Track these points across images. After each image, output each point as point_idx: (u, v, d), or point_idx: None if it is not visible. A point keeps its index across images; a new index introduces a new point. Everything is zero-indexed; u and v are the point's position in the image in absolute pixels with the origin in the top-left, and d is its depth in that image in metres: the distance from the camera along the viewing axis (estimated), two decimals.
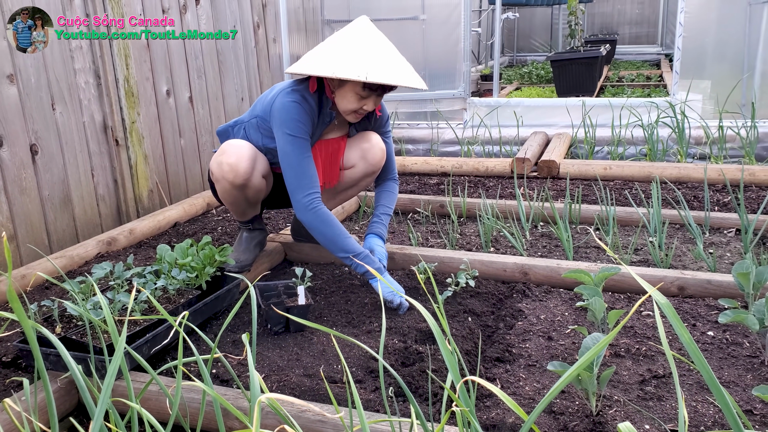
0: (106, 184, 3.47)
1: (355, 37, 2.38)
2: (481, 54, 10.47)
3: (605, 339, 1.04)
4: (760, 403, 1.76)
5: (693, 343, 1.03)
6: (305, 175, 2.40)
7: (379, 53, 2.34)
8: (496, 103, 5.39)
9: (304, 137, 2.41)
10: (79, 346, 1.93)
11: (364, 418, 1.23)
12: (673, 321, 1.04)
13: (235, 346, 2.20)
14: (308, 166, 2.41)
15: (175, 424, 1.81)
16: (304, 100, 2.42)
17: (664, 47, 12.19)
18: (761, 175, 3.81)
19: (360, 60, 2.28)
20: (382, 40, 2.42)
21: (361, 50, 2.33)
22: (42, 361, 1.26)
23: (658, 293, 1.09)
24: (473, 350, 2.10)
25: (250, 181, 2.53)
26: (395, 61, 2.38)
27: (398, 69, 2.36)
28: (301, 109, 2.40)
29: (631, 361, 2.01)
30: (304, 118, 2.40)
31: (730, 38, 4.81)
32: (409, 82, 2.36)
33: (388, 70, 2.31)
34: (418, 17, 5.51)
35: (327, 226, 2.40)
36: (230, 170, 2.48)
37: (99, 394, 1.51)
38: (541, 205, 3.39)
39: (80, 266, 2.93)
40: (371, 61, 2.29)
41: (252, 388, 1.13)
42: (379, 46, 2.38)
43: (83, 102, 3.29)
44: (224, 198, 2.61)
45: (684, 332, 1.04)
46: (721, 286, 2.40)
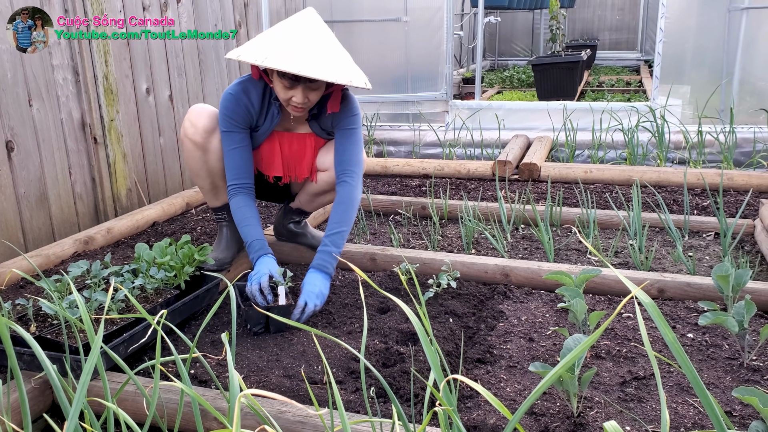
0: (83, 182, 3.42)
1: (285, 26, 2.31)
2: (462, 57, 10.51)
3: (589, 339, 1.03)
4: (740, 405, 1.77)
5: (677, 343, 1.03)
6: (229, 166, 2.51)
7: (294, 40, 2.22)
8: (478, 106, 5.40)
9: (231, 130, 2.47)
10: (54, 345, 1.89)
11: (346, 418, 1.21)
12: (657, 320, 1.04)
13: (214, 346, 2.18)
14: (233, 158, 2.49)
15: (152, 426, 1.78)
16: (243, 92, 2.45)
17: (644, 53, 12.31)
18: (739, 180, 3.85)
19: (270, 45, 2.21)
20: (312, 29, 2.29)
21: (282, 37, 2.24)
22: (16, 360, 1.23)
23: (642, 293, 1.09)
24: (454, 351, 2.09)
25: (211, 143, 2.55)
26: (315, 50, 2.22)
27: (312, 59, 2.18)
28: (234, 102, 2.44)
29: (612, 362, 2.01)
30: (235, 112, 2.45)
31: (709, 44, 4.86)
32: (312, 73, 2.13)
33: (292, 58, 2.16)
34: (400, 19, 5.50)
35: (236, 212, 2.49)
36: (190, 125, 2.55)
37: (74, 394, 1.48)
38: (522, 208, 3.39)
39: (56, 265, 2.88)
40: (280, 47, 2.19)
41: (231, 386, 1.11)
42: (302, 34, 2.25)
43: (61, 99, 3.24)
44: (190, 166, 2.64)
45: (668, 332, 1.04)
46: (700, 289, 2.41)
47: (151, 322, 1.29)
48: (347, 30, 5.64)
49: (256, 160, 2.64)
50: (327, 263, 2.38)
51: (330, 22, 5.56)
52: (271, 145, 2.61)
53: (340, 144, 2.53)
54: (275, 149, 2.62)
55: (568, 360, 1.00)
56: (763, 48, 4.74)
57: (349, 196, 2.47)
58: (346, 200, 2.47)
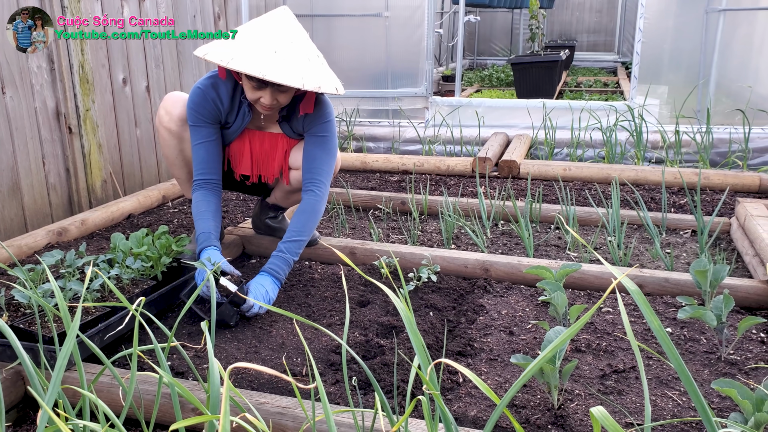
0: (57, 172, 3.36)
1: (256, 26, 2.25)
2: (442, 56, 10.52)
3: (572, 328, 1.02)
4: (717, 397, 1.78)
5: (662, 330, 1.03)
6: (195, 160, 2.46)
7: (266, 43, 2.16)
8: (458, 103, 5.40)
9: (198, 125, 2.43)
10: (27, 335, 1.85)
11: (329, 408, 1.19)
12: (643, 307, 1.03)
13: (191, 337, 2.14)
14: (198, 152, 2.45)
15: (128, 418, 1.75)
16: (211, 87, 2.40)
17: (621, 55, 12.43)
18: (716, 179, 3.89)
19: (237, 46, 2.16)
20: (285, 32, 2.22)
21: (249, 38, 2.19)
22: None
23: (627, 279, 1.08)
24: (435, 344, 2.08)
25: (186, 131, 2.52)
26: (285, 54, 2.15)
27: (283, 63, 2.12)
28: (202, 96, 2.40)
29: (592, 356, 2.01)
30: (202, 106, 2.40)
31: (687, 45, 4.92)
32: (282, 79, 2.08)
33: (262, 61, 2.10)
34: (381, 14, 5.48)
35: (194, 206, 2.45)
36: (165, 113, 2.52)
37: (48, 383, 1.44)
38: (502, 204, 3.40)
39: (29, 256, 2.83)
40: (248, 48, 2.14)
41: (211, 373, 1.09)
42: (274, 36, 2.18)
43: (35, 87, 3.18)
44: (166, 155, 2.61)
45: (654, 319, 1.03)
46: (678, 285, 2.43)
47: (129, 308, 1.26)
48: (327, 25, 5.61)
49: (228, 156, 2.61)
50: (279, 269, 2.31)
51: (310, 16, 5.54)
52: (242, 144, 2.57)
53: (310, 151, 2.46)
54: (245, 148, 2.57)
55: (553, 347, 0.99)
56: (739, 50, 4.80)
57: (313, 207, 2.42)
58: (309, 210, 2.42)
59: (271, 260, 2.33)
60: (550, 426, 1.65)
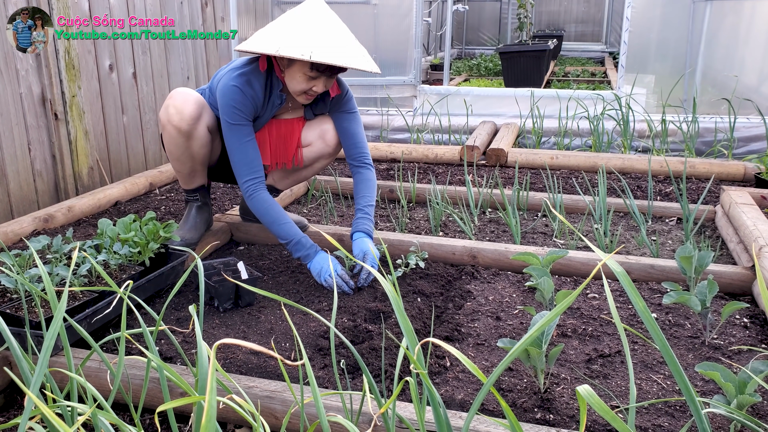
0: (43, 159, 3.33)
1: (304, 16, 2.32)
2: (431, 45, 10.49)
3: (559, 306, 1.04)
4: (701, 381, 1.81)
5: (647, 311, 1.04)
6: (244, 161, 2.42)
7: (327, 33, 2.28)
8: (447, 91, 5.40)
9: (241, 123, 2.40)
10: (13, 320, 1.84)
11: (317, 391, 1.20)
12: (628, 288, 1.05)
13: (179, 323, 2.14)
14: (247, 151, 2.41)
15: (116, 402, 1.75)
16: (247, 84, 2.38)
17: (609, 45, 12.45)
18: (701, 168, 3.93)
19: (306, 39, 2.23)
20: (334, 20, 2.36)
21: (309, 29, 2.27)
22: None
23: (613, 261, 1.10)
24: (423, 329, 2.09)
25: (196, 130, 2.48)
26: (345, 41, 2.31)
27: (348, 50, 2.28)
28: (241, 94, 2.36)
29: (578, 341, 2.03)
30: (243, 104, 2.38)
31: (673, 35, 4.94)
32: (358, 64, 2.26)
33: (336, 51, 2.24)
34: (370, 2, 5.47)
35: (265, 212, 2.43)
36: (176, 113, 2.45)
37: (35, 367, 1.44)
38: (489, 192, 3.41)
39: (15, 243, 2.81)
40: (318, 40, 2.23)
41: (199, 356, 1.09)
42: (328, 26, 2.31)
43: (20, 72, 3.15)
44: (171, 151, 2.56)
45: (639, 300, 1.05)
46: (663, 271, 2.45)
47: (117, 291, 1.26)
48: None
49: None
50: (371, 229, 2.52)
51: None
52: (261, 135, 2.59)
53: (347, 128, 2.62)
54: (265, 138, 2.59)
55: (540, 325, 1.01)
56: (726, 40, 4.83)
57: (373, 178, 2.64)
58: (372, 179, 2.64)
59: (362, 222, 2.51)
60: (536, 409, 1.67)
